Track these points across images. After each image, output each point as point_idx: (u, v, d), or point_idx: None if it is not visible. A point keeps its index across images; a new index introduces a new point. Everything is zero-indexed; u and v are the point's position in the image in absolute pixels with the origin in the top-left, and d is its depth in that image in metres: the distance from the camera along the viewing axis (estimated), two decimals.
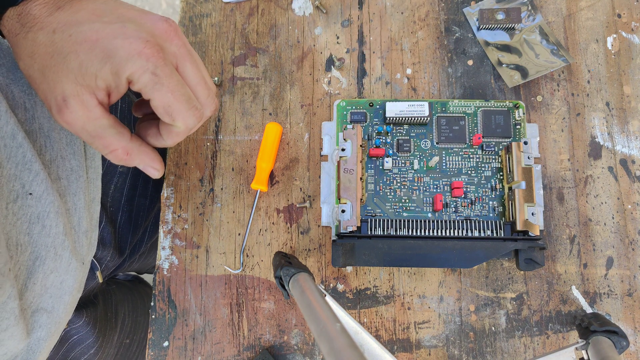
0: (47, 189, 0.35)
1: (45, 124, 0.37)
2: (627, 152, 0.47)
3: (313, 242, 0.47)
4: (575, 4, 0.50)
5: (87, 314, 0.51)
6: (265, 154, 0.46)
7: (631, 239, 0.45)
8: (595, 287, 0.45)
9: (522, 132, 0.46)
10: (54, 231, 0.36)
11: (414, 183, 0.45)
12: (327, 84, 0.49)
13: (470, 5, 0.50)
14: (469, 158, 0.46)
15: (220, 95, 0.50)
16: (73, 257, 0.38)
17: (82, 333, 0.51)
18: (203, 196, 0.48)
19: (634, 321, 0.44)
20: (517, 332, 0.44)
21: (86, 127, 0.30)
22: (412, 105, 0.45)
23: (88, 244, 0.42)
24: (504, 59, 0.48)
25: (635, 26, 0.49)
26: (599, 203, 0.46)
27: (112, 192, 0.50)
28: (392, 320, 0.45)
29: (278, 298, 0.46)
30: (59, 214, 0.36)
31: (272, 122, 0.47)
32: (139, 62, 0.29)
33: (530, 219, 0.42)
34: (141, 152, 0.33)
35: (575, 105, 0.48)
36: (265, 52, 0.50)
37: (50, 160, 0.37)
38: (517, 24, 0.48)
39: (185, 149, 0.49)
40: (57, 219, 0.36)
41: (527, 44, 0.48)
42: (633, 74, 0.48)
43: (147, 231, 0.59)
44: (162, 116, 0.32)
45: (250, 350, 0.45)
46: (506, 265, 0.46)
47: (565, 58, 0.47)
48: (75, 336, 0.50)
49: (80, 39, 0.29)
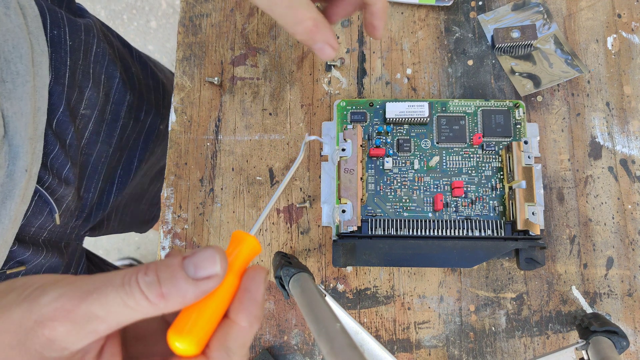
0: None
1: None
2: (627, 152, 0.47)
3: (313, 242, 0.46)
4: (575, 4, 0.50)
5: (49, 255, 0.51)
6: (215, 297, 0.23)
7: (631, 239, 0.45)
8: (595, 287, 0.45)
9: (523, 132, 0.46)
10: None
11: (415, 183, 0.45)
12: (327, 84, 0.49)
13: (485, 13, 0.50)
14: (469, 158, 0.46)
15: (220, 95, 0.50)
16: (13, 162, 0.39)
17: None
18: (203, 196, 0.48)
19: (634, 321, 0.44)
20: (517, 332, 0.44)
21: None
22: (412, 105, 0.45)
23: (32, 153, 0.42)
24: (517, 67, 0.48)
25: (635, 26, 0.49)
26: (599, 203, 0.46)
27: (78, 134, 0.50)
28: (392, 320, 0.45)
29: (278, 298, 0.46)
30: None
31: (241, 232, 0.26)
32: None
33: (530, 219, 0.42)
34: (326, 27, 0.33)
35: (576, 105, 0.48)
36: (265, 52, 0.50)
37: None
38: (533, 41, 0.47)
39: (186, 149, 0.49)
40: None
41: (541, 53, 0.48)
42: (633, 74, 0.48)
43: (114, 183, 0.59)
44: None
45: (250, 350, 0.45)
46: (506, 265, 0.46)
47: (580, 68, 0.47)
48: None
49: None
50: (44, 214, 0.48)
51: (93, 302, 0.20)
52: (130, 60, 0.59)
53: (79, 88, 0.49)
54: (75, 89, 0.48)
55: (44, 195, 0.47)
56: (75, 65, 0.48)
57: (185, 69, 0.51)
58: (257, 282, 0.24)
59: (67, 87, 0.47)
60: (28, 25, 0.42)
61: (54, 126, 0.47)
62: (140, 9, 1.49)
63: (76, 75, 0.48)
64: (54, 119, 0.47)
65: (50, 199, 0.48)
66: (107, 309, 0.20)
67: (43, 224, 0.49)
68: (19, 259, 0.48)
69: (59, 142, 0.47)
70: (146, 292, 0.20)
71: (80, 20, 0.50)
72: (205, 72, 0.50)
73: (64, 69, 0.46)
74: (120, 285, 0.20)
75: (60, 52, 0.46)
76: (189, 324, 0.21)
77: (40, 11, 0.44)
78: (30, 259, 0.49)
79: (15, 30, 0.40)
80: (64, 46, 0.46)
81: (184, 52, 0.51)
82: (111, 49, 0.54)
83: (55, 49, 0.46)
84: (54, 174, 0.48)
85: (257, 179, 0.48)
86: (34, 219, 0.48)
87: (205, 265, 0.21)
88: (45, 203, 0.48)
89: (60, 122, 0.47)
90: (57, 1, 0.50)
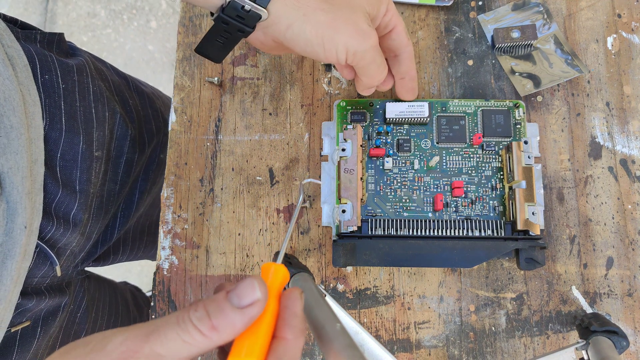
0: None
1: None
2: (627, 152, 0.47)
3: (313, 242, 0.46)
4: (575, 4, 0.50)
5: (52, 300, 0.50)
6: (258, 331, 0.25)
7: (631, 239, 0.45)
8: (595, 287, 0.45)
9: (523, 132, 0.46)
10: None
11: (415, 183, 0.45)
12: (327, 84, 0.49)
13: (485, 13, 0.50)
14: (469, 158, 0.46)
15: (220, 95, 0.50)
16: (12, 219, 0.38)
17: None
18: (203, 196, 0.48)
19: (634, 321, 0.44)
20: (517, 332, 0.44)
21: (376, 48, 0.39)
22: (412, 105, 0.45)
23: (32, 207, 0.42)
24: (517, 67, 0.48)
25: (635, 26, 0.49)
26: (599, 203, 0.46)
27: (93, 178, 0.50)
28: (392, 321, 0.45)
29: None
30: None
31: (270, 263, 0.28)
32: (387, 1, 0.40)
33: (530, 219, 0.42)
34: (389, 81, 0.44)
35: (576, 105, 0.48)
36: (265, 52, 0.50)
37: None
38: (533, 41, 0.47)
39: (186, 149, 0.49)
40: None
41: (541, 53, 0.48)
42: (633, 74, 0.48)
43: (117, 218, 0.58)
44: (402, 39, 0.41)
45: None
46: (506, 265, 0.46)
47: (580, 68, 0.47)
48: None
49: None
50: (46, 265, 0.48)
51: (155, 342, 0.22)
52: (128, 92, 0.58)
53: (85, 130, 0.47)
54: (79, 132, 0.47)
55: (44, 250, 0.46)
56: (72, 108, 0.46)
57: (185, 69, 0.51)
58: (294, 299, 0.26)
59: (66, 131, 0.45)
60: (18, 76, 0.41)
61: (58, 172, 0.46)
62: (140, 9, 1.49)
63: (77, 118, 0.47)
64: (55, 165, 0.45)
65: (51, 252, 0.47)
66: (167, 346, 0.22)
67: (45, 274, 0.49)
68: (22, 309, 0.47)
69: (61, 188, 0.46)
70: (199, 326, 0.22)
71: (72, 61, 0.48)
72: (205, 72, 0.50)
73: (59, 114, 0.45)
74: (176, 323, 0.23)
75: (54, 96, 0.45)
76: (245, 348, 0.23)
77: (30, 58, 0.43)
78: (34, 307, 0.48)
79: (5, 83, 0.39)
80: (57, 90, 0.45)
81: (184, 52, 0.51)
82: (107, 85, 0.53)
83: (48, 94, 0.44)
84: (60, 220, 0.47)
85: (257, 179, 0.48)
86: (36, 270, 0.47)
87: (247, 294, 0.23)
88: (46, 256, 0.47)
89: (63, 168, 0.46)
90: (47, 44, 0.48)
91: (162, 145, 0.62)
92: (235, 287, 0.24)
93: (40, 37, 0.47)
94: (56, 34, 0.49)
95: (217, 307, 0.23)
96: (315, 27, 0.36)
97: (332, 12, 0.37)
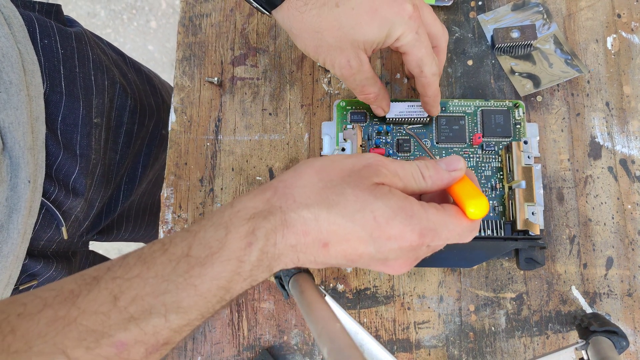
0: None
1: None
2: (627, 152, 0.47)
3: None
4: (575, 4, 0.50)
5: (59, 267, 0.51)
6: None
7: (631, 239, 0.45)
8: (595, 287, 0.45)
9: (522, 132, 0.46)
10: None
11: None
12: (327, 84, 0.49)
13: (485, 13, 0.50)
14: (469, 158, 0.46)
15: (220, 95, 0.50)
16: (15, 174, 0.39)
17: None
18: (203, 196, 0.48)
19: (634, 321, 0.44)
20: (517, 332, 0.44)
21: (356, 78, 0.39)
22: (412, 105, 0.45)
23: (34, 163, 0.42)
24: (517, 67, 0.48)
25: (635, 26, 0.49)
26: (599, 203, 0.46)
27: (94, 144, 0.50)
28: (392, 321, 0.45)
29: (278, 298, 0.46)
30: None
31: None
32: (409, 23, 0.36)
33: (530, 218, 0.42)
34: (384, 98, 0.43)
35: (575, 105, 0.48)
36: (265, 52, 0.50)
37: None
38: (532, 41, 0.47)
39: (185, 149, 0.49)
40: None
41: (541, 53, 0.48)
42: (633, 74, 0.48)
43: (120, 189, 0.59)
44: (414, 69, 0.39)
45: (250, 350, 0.45)
46: (506, 265, 0.46)
47: (580, 68, 0.47)
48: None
49: (362, 11, 0.36)
50: (52, 227, 0.48)
51: (397, 164, 0.31)
52: (125, 67, 0.59)
53: (85, 96, 0.48)
54: (78, 97, 0.48)
55: (50, 209, 0.47)
56: (71, 73, 0.47)
57: (185, 69, 0.51)
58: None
59: (66, 95, 0.46)
60: (15, 35, 0.41)
61: (59, 135, 0.46)
62: (140, 9, 1.49)
63: (76, 83, 0.48)
64: (56, 127, 0.46)
65: (57, 212, 0.47)
66: (403, 171, 0.30)
67: (52, 237, 0.49)
68: (30, 272, 0.48)
69: (62, 150, 0.47)
70: (422, 171, 0.31)
71: (71, 29, 0.49)
72: (205, 72, 0.50)
73: (58, 77, 0.46)
74: (411, 163, 0.31)
75: (53, 60, 0.46)
76: (470, 195, 0.31)
77: (29, 21, 0.44)
78: (41, 272, 0.49)
79: (2, 40, 0.40)
80: (57, 55, 0.46)
81: (184, 52, 0.51)
82: (105, 57, 0.54)
83: (48, 58, 0.45)
84: (60, 184, 0.47)
85: (257, 179, 0.48)
86: (42, 232, 0.47)
87: (453, 162, 0.32)
88: (52, 216, 0.48)
89: (64, 131, 0.47)
90: (46, 13, 0.49)
91: (164, 122, 0.63)
92: (444, 159, 0.32)
93: (39, 7, 0.49)
94: (54, 5, 0.51)
95: (433, 166, 0.31)
96: (307, 46, 0.39)
97: (321, 39, 0.38)
